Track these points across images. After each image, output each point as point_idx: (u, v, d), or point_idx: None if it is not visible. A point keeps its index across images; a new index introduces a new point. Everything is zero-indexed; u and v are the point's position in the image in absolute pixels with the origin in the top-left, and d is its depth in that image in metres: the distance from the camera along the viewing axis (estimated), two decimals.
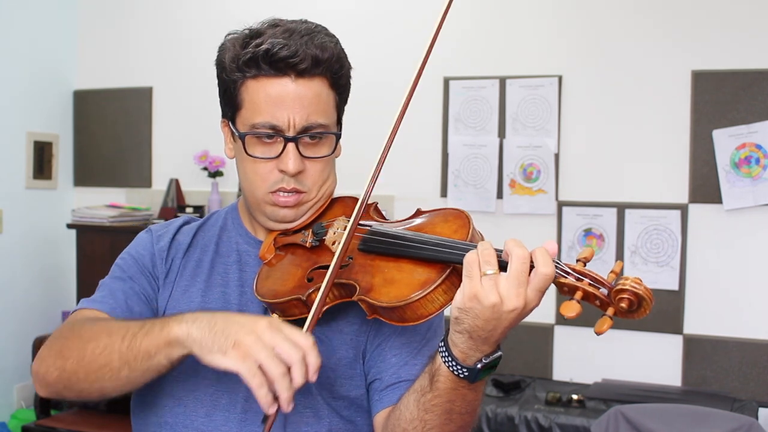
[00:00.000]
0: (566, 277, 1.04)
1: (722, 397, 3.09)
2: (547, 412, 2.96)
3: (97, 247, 3.79)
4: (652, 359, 3.31)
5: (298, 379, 1.01)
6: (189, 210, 3.88)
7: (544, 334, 3.47)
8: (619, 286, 1.01)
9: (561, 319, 3.43)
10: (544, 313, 3.43)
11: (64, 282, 4.20)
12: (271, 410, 1.01)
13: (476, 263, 1.02)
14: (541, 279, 1.01)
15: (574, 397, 3.07)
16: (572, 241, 3.41)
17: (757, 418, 2.90)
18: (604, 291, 1.03)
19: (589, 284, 1.03)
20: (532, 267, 1.02)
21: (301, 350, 1.02)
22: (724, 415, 2.72)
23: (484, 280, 1.01)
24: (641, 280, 1.01)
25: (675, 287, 3.26)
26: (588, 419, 2.88)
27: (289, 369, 1.01)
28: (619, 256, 3.34)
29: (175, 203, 3.96)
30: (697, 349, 3.25)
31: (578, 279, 1.04)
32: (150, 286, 1.34)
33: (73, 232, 3.93)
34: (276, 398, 1.02)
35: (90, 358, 1.14)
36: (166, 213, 3.90)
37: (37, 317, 4.11)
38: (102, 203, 4.10)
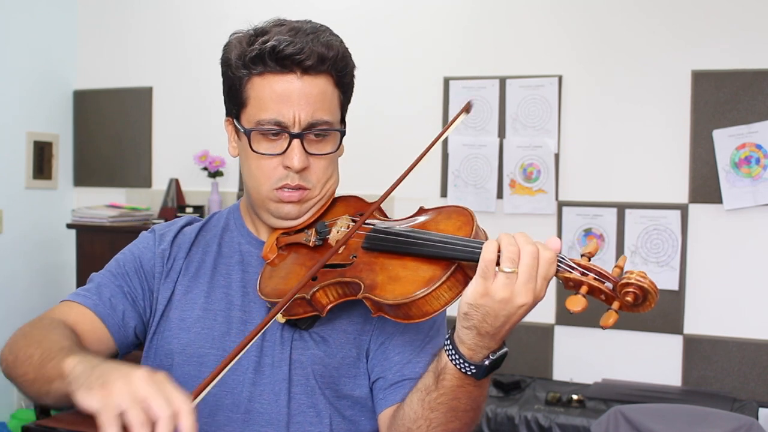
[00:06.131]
0: (571, 272, 1.05)
1: (722, 397, 3.09)
2: (547, 412, 2.96)
3: (97, 247, 3.79)
4: (652, 359, 3.31)
5: None
6: (189, 210, 3.87)
7: (544, 334, 3.47)
8: (624, 280, 1.02)
9: (561, 319, 3.43)
10: (544, 313, 3.44)
11: (64, 282, 4.20)
12: None
13: (494, 261, 1.03)
14: (544, 264, 1.03)
15: (574, 397, 3.07)
16: (572, 241, 3.41)
17: (757, 418, 2.90)
18: (609, 285, 1.04)
19: (594, 278, 1.04)
20: None
21: (173, 408, 0.90)
22: (724, 415, 2.72)
23: (500, 276, 1.02)
24: (646, 274, 1.02)
25: (675, 287, 3.26)
26: (588, 419, 2.88)
27: (154, 425, 0.90)
28: (620, 256, 3.34)
29: (175, 203, 3.96)
30: (697, 349, 3.25)
31: (583, 273, 1.04)
32: (141, 287, 1.34)
33: (73, 232, 3.93)
34: None
35: (20, 361, 1.17)
36: (166, 213, 3.90)
37: None
38: (102, 203, 4.10)
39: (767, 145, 3.14)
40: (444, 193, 3.62)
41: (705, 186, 3.23)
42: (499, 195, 3.53)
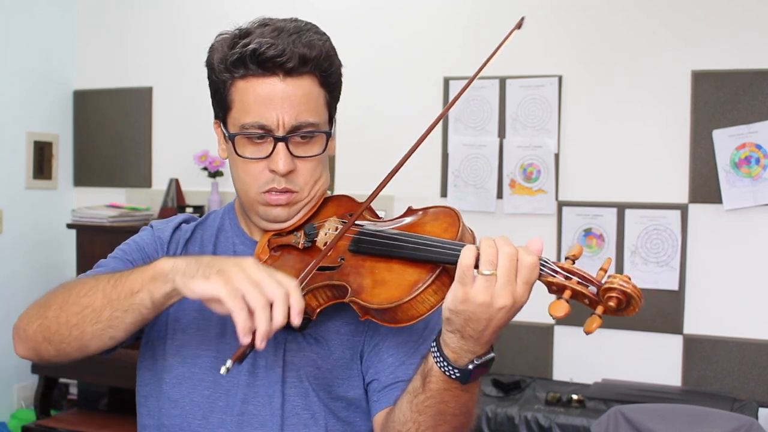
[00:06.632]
0: (554, 276, 1.03)
1: (722, 397, 3.09)
2: (547, 412, 2.96)
3: (97, 247, 3.78)
4: (652, 359, 3.31)
5: (279, 317, 1.01)
6: (189, 210, 3.88)
7: (544, 334, 3.47)
8: (606, 285, 1.00)
9: (561, 319, 3.43)
10: (544, 313, 3.42)
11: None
12: (246, 339, 1.01)
13: (471, 266, 1.02)
14: (526, 269, 1.02)
15: (574, 397, 3.07)
16: (572, 241, 3.41)
17: (757, 418, 2.90)
18: (593, 289, 1.02)
19: (578, 282, 1.02)
20: None
21: (285, 288, 1.02)
22: (724, 415, 2.72)
23: (479, 279, 1.01)
24: (630, 278, 1.00)
25: (675, 287, 3.26)
26: (588, 419, 2.88)
27: (271, 306, 1.01)
28: (619, 256, 3.34)
29: (175, 203, 3.96)
30: (697, 349, 3.25)
31: (567, 278, 1.03)
32: None
33: (73, 232, 3.93)
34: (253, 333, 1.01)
35: (73, 300, 1.14)
36: (166, 213, 3.90)
37: None
38: (102, 203, 4.10)
39: (767, 145, 3.14)
40: (444, 193, 3.62)
41: (705, 186, 3.23)
42: (499, 195, 3.53)
